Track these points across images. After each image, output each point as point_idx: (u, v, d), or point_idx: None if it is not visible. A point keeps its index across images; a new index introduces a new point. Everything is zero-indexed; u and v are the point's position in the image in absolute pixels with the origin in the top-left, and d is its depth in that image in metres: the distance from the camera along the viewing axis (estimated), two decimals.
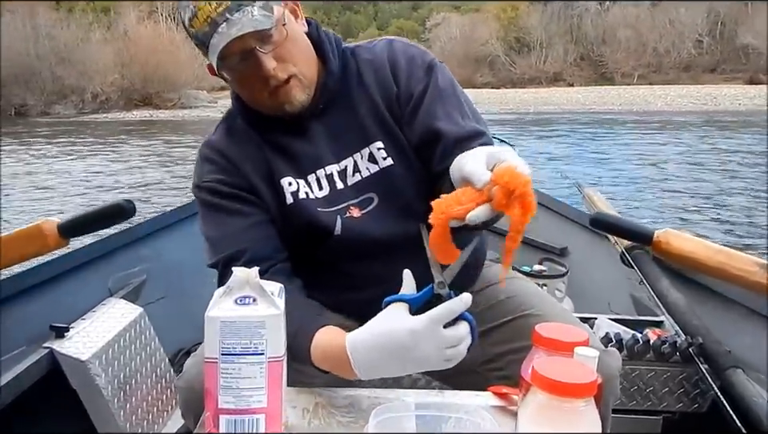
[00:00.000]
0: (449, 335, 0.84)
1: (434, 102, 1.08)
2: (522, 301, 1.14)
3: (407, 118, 1.09)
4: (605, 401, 0.99)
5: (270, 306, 0.82)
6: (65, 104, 28.52)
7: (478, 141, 1.04)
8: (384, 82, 1.11)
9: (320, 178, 1.10)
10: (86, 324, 1.64)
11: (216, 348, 0.80)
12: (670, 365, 1.54)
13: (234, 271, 0.82)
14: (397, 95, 1.10)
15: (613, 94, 30.71)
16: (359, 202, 1.09)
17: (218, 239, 1.08)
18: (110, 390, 1.54)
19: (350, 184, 1.09)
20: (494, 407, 0.97)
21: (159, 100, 29.82)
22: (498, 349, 1.11)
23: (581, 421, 0.72)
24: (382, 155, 1.09)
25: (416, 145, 1.09)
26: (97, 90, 29.44)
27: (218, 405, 0.81)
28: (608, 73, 36.45)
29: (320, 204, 1.09)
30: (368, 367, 0.89)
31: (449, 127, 1.05)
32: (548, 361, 0.76)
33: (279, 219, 1.10)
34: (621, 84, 34.47)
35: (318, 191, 1.10)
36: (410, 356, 0.85)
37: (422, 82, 1.09)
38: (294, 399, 0.97)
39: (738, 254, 1.51)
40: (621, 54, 36.23)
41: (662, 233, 1.61)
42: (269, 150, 1.11)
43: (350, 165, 1.10)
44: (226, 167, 1.10)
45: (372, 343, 0.88)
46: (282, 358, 0.82)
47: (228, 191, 1.08)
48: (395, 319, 0.86)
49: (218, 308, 0.81)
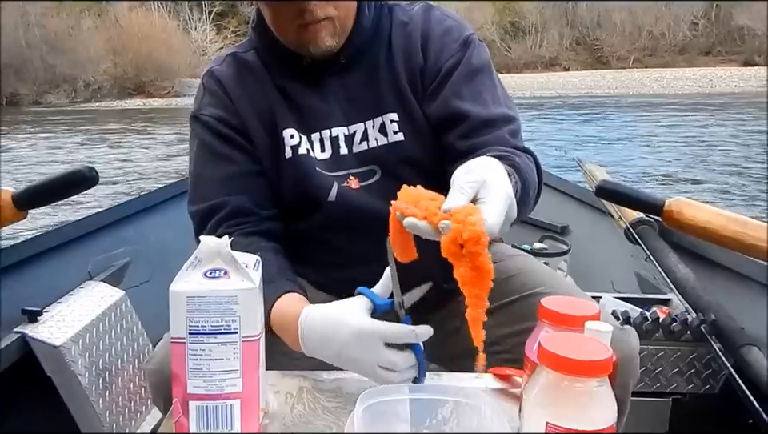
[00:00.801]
0: (386, 357, 0.78)
1: (463, 80, 1.01)
2: (527, 279, 1.06)
3: (430, 92, 1.02)
4: (623, 383, 0.91)
5: (243, 279, 0.73)
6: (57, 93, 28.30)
7: (506, 126, 0.98)
8: (411, 53, 1.04)
9: (324, 138, 1.03)
10: (62, 308, 1.56)
11: (183, 327, 0.71)
12: (681, 344, 1.47)
13: (203, 240, 0.73)
14: (422, 69, 1.03)
15: (608, 78, 30.61)
16: (360, 174, 1.03)
17: (201, 184, 1.05)
18: (87, 377, 1.46)
19: (354, 152, 1.03)
20: (496, 389, 0.90)
21: (153, 89, 29.62)
22: (502, 331, 1.03)
23: (594, 403, 0.64)
24: (394, 129, 1.02)
25: (435, 122, 1.02)
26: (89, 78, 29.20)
27: (186, 390, 0.72)
28: (603, 57, 36.28)
29: (319, 165, 1.02)
30: (311, 347, 0.84)
31: (476, 109, 0.99)
32: (556, 337, 0.68)
33: (272, 174, 1.03)
34: (616, 68, 34.35)
35: (320, 152, 1.03)
36: (346, 354, 0.81)
37: (454, 56, 1.02)
38: (277, 383, 0.89)
39: (753, 222, 1.43)
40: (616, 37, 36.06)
41: (674, 201, 1.52)
42: (276, 96, 1.04)
43: (360, 131, 1.03)
44: (226, 104, 1.04)
45: (321, 324, 0.83)
46: (258, 337, 0.74)
47: (222, 131, 1.03)
48: (350, 313, 0.81)
49: (184, 282, 0.72)
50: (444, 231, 0.68)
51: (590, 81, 30.10)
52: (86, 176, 1.47)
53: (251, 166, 1.04)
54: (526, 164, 0.94)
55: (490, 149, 0.95)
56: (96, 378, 1.49)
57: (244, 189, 1.02)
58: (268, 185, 1.04)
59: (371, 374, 0.80)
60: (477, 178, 0.72)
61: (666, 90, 25.90)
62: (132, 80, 30.12)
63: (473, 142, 0.98)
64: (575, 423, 0.62)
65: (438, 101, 1.02)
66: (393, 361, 0.78)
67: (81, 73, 29.07)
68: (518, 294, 1.05)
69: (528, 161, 0.97)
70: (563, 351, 0.63)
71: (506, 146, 0.97)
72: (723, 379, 1.47)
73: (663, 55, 35.30)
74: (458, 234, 0.67)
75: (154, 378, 0.91)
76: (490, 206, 0.70)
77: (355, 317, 0.80)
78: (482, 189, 0.71)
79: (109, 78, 29.75)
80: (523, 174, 0.89)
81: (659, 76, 30.08)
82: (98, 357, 1.52)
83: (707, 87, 26.58)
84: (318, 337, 0.83)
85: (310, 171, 1.02)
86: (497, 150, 0.93)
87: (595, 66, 35.58)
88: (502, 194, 0.71)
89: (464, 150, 0.98)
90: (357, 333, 0.79)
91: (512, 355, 0.97)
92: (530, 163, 0.97)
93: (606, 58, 36.40)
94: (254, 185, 1.03)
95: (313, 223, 1.05)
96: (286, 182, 1.03)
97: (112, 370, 1.56)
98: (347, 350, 0.80)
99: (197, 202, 1.04)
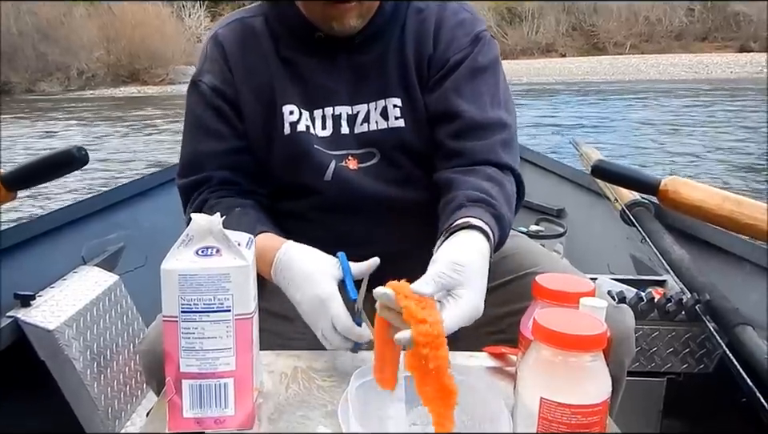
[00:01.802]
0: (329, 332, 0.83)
1: (465, 78, 1.00)
2: (523, 259, 1.05)
3: (433, 83, 1.01)
4: (618, 361, 0.92)
5: (236, 257, 0.72)
6: (50, 81, 28.05)
7: (499, 134, 0.98)
8: (422, 40, 1.03)
9: (326, 116, 1.02)
10: (55, 292, 1.55)
11: (175, 305, 0.70)
12: (676, 324, 1.47)
13: (194, 217, 0.72)
14: (429, 58, 1.02)
15: (605, 64, 30.51)
16: (359, 155, 1.02)
17: (188, 156, 1.05)
18: (81, 361, 1.45)
19: (356, 132, 1.02)
20: (490, 368, 0.90)
21: (147, 76, 29.39)
22: (498, 311, 1.02)
23: (589, 378, 0.64)
24: (396, 114, 1.01)
25: (431, 114, 1.01)
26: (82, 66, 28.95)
27: (179, 369, 0.72)
28: (600, 43, 36.13)
29: (318, 142, 1.01)
30: (279, 279, 0.88)
31: (471, 110, 0.98)
32: (550, 313, 0.68)
33: (265, 149, 1.02)
34: (613, 54, 34.22)
35: (321, 130, 1.02)
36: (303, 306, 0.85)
37: (462, 50, 1.01)
38: (272, 362, 0.89)
39: (749, 201, 1.42)
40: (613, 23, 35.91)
41: (670, 181, 1.52)
42: (279, 69, 1.02)
43: (363, 112, 1.02)
44: (224, 74, 1.03)
45: (294, 268, 0.87)
46: (251, 315, 0.73)
47: (215, 103, 1.02)
48: (320, 275, 0.85)
49: (175, 260, 0.71)
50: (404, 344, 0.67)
51: (586, 67, 30.00)
52: (75, 156, 1.46)
53: (238, 143, 1.03)
54: (508, 200, 0.93)
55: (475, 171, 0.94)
56: (91, 362, 1.49)
57: (229, 165, 1.02)
58: (255, 163, 1.03)
59: (314, 331, 0.85)
60: (457, 277, 0.74)
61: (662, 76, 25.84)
62: (126, 67, 29.85)
63: (462, 146, 0.97)
64: (569, 398, 0.62)
65: (438, 94, 1.01)
66: (332, 341, 0.83)
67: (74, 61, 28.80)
68: (514, 274, 1.04)
69: (510, 187, 0.96)
70: (557, 327, 0.63)
71: (494, 157, 0.96)
72: (717, 358, 1.47)
73: (659, 41, 35.18)
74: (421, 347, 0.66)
75: (146, 359, 0.91)
76: (457, 310, 0.73)
77: (323, 283, 0.84)
78: (459, 288, 0.74)
79: (102, 66, 29.48)
80: (502, 226, 0.89)
81: (655, 62, 30.01)
82: (92, 341, 1.52)
83: (703, 73, 26.52)
84: (289, 277, 0.86)
85: (308, 149, 1.01)
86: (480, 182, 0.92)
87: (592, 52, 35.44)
88: (469, 311, 0.74)
89: (453, 150, 0.98)
90: (317, 298, 0.83)
91: (507, 334, 0.97)
92: (511, 190, 0.97)
93: (603, 44, 36.24)
94: (240, 161, 1.03)
95: (306, 203, 1.04)
96: (282, 158, 1.02)
97: (107, 354, 1.56)
98: (305, 304, 0.84)
99: (183, 176, 1.04)
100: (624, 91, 18.74)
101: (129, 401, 1.60)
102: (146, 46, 29.63)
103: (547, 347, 0.63)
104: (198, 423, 0.73)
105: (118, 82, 29.22)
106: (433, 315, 0.68)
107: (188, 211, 1.01)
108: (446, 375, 0.67)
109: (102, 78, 29.34)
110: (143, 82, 29.40)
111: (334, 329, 0.82)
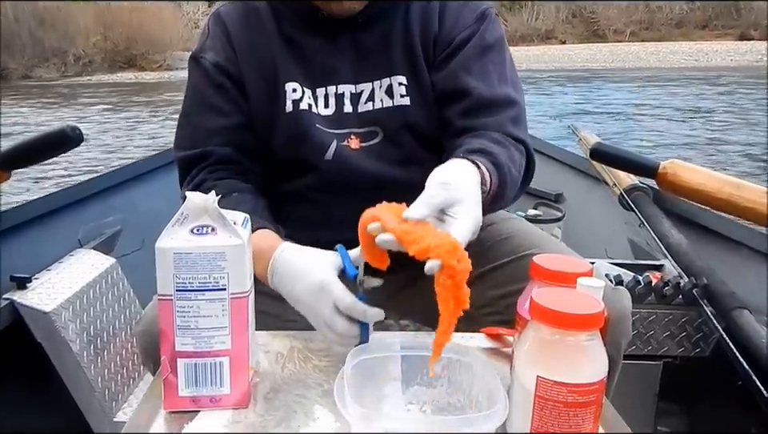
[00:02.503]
0: (333, 320, 0.79)
1: (472, 56, 1.00)
2: (522, 241, 1.05)
3: (440, 61, 1.01)
4: (615, 343, 0.91)
5: (231, 235, 0.71)
6: (47, 67, 27.85)
7: (508, 111, 0.98)
8: (427, 18, 1.02)
9: (329, 95, 1.01)
10: (51, 275, 1.54)
11: (170, 283, 0.70)
12: (673, 308, 1.47)
13: (189, 196, 0.71)
14: (435, 37, 1.01)
15: (605, 51, 30.35)
16: (362, 134, 1.01)
17: (189, 129, 1.04)
18: (78, 343, 1.45)
19: (359, 111, 1.01)
20: (487, 349, 0.89)
21: (144, 62, 29.19)
22: (496, 292, 1.02)
23: (585, 357, 0.64)
24: (401, 92, 1.00)
25: (439, 93, 1.01)
26: (79, 52, 28.74)
27: (174, 347, 0.71)
28: (600, 30, 35.94)
29: (320, 121, 1.00)
30: (276, 281, 0.85)
31: (480, 87, 0.98)
32: (548, 292, 0.67)
33: (267, 127, 1.01)
34: (613, 41, 34.04)
35: (324, 108, 1.01)
36: (303, 300, 0.81)
37: (468, 28, 1.01)
38: (268, 343, 0.89)
39: (747, 184, 1.42)
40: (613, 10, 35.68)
41: (668, 164, 1.51)
42: (282, 48, 1.01)
43: (367, 91, 1.01)
44: (227, 52, 1.02)
45: (291, 264, 0.84)
46: (247, 294, 0.73)
47: (217, 80, 1.02)
48: (319, 264, 0.82)
49: (170, 238, 0.70)
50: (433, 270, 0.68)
51: (586, 54, 29.85)
52: (69, 136, 1.45)
53: (241, 120, 1.02)
54: (512, 160, 0.93)
55: (482, 134, 0.95)
56: (87, 344, 1.48)
57: (230, 142, 1.02)
58: (255, 140, 1.03)
59: (318, 326, 0.81)
60: (450, 196, 0.74)
61: (661, 64, 25.74)
62: (123, 53, 29.61)
63: (472, 123, 0.97)
64: (566, 377, 0.62)
65: (445, 72, 1.00)
66: (337, 327, 0.79)
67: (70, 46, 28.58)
68: (512, 255, 1.04)
69: (518, 154, 0.96)
70: (554, 305, 0.63)
71: (504, 131, 0.96)
72: (714, 342, 1.47)
73: (660, 29, 34.99)
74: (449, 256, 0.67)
75: (143, 339, 0.90)
76: (461, 225, 0.72)
77: (322, 270, 0.81)
78: (455, 206, 0.73)
79: (99, 52, 29.25)
80: (503, 173, 0.88)
81: (655, 50, 29.85)
82: (88, 324, 1.51)
83: (703, 61, 26.41)
84: (286, 274, 0.84)
85: (309, 127, 1.00)
86: (484, 141, 0.92)
87: (591, 40, 35.24)
88: (471, 222, 0.73)
89: (462, 128, 0.98)
90: (317, 285, 0.80)
91: (504, 316, 0.96)
92: (519, 157, 0.96)
93: (603, 31, 36.03)
94: (242, 139, 1.02)
95: (306, 182, 1.03)
96: (283, 137, 1.01)
97: (104, 336, 1.56)
98: (304, 296, 0.81)
99: (183, 148, 1.04)
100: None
101: (126, 384, 1.60)
102: (143, 31, 29.38)
103: (544, 325, 0.63)
104: (193, 402, 0.73)
105: (115, 68, 29.01)
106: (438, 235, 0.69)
107: (185, 188, 1.00)
108: (464, 287, 0.68)
109: (99, 63, 29.12)
110: (140, 68, 29.18)
111: (336, 312, 0.79)
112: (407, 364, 0.75)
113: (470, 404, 0.71)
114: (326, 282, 0.79)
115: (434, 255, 0.67)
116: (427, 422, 0.69)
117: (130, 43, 29.57)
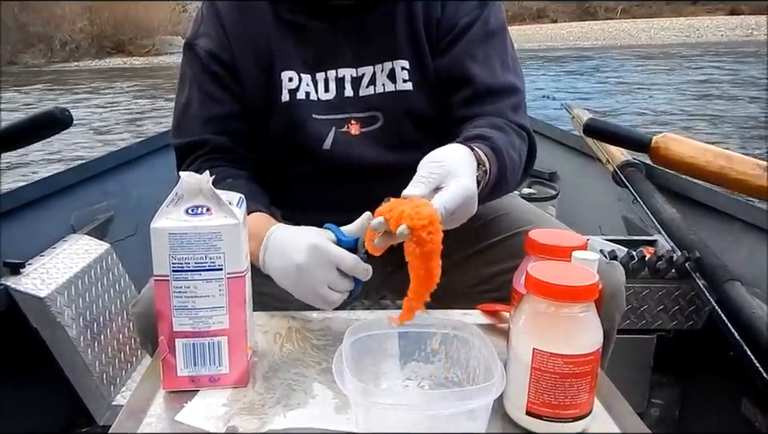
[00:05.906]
0: (335, 278, 0.80)
1: (476, 42, 0.98)
2: (517, 218, 1.05)
3: (442, 48, 0.99)
4: (609, 316, 0.92)
5: (226, 215, 0.71)
6: (32, 53, 27.47)
7: (510, 98, 0.97)
8: (430, 3, 1.00)
9: (329, 79, 1.00)
10: (45, 260, 1.53)
11: (166, 264, 0.70)
12: (666, 282, 1.49)
13: (183, 176, 0.71)
14: (438, 21, 1.00)
15: (596, 29, 30.24)
16: (362, 119, 1.00)
17: (184, 117, 1.03)
18: (74, 328, 1.44)
19: (360, 95, 1.00)
20: (483, 325, 0.90)
21: (133, 47, 28.83)
22: (492, 269, 1.03)
23: (580, 328, 0.64)
24: (404, 77, 0.99)
25: (442, 80, 0.99)
26: (65, 37, 28.35)
27: (172, 328, 0.72)
28: (591, 8, 35.78)
29: (318, 109, 0.99)
30: (268, 259, 0.84)
31: (483, 74, 0.97)
32: (543, 265, 0.68)
33: (263, 115, 1.00)
34: (604, 19, 33.91)
35: (324, 93, 1.00)
36: (301, 266, 0.80)
37: (470, 14, 0.99)
38: (266, 323, 0.89)
39: (739, 156, 1.42)
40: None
41: (661, 138, 1.51)
42: (279, 34, 0.99)
43: (368, 74, 1.00)
44: (221, 40, 1.00)
45: (282, 239, 0.84)
46: (243, 273, 0.73)
47: (212, 68, 1.00)
48: (313, 233, 0.82)
49: (165, 219, 0.70)
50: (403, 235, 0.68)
51: (577, 32, 29.73)
52: (57, 117, 1.43)
53: (236, 108, 1.01)
54: (512, 145, 0.92)
55: (482, 121, 0.94)
56: (84, 329, 1.48)
57: (226, 130, 1.01)
58: (251, 128, 1.02)
59: (317, 289, 0.81)
60: (442, 171, 0.74)
61: (653, 41, 25.68)
62: (110, 38, 29.23)
63: (474, 111, 0.97)
64: (562, 348, 0.63)
65: (449, 58, 0.99)
66: (340, 283, 0.80)
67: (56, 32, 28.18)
68: (507, 232, 1.04)
69: (518, 139, 0.95)
70: (549, 278, 0.63)
71: (504, 117, 0.96)
72: (706, 315, 1.49)
73: (650, 5, 34.86)
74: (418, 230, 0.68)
75: (140, 321, 0.90)
76: (448, 192, 0.73)
77: (317, 237, 0.81)
78: (446, 179, 0.74)
79: (86, 37, 28.86)
80: (501, 156, 0.88)
81: (646, 26, 29.77)
82: (84, 309, 1.51)
83: (694, 37, 26.38)
84: (279, 249, 0.83)
85: (305, 117, 0.99)
86: (483, 128, 0.91)
87: (583, 18, 35.09)
88: (460, 190, 0.73)
89: (464, 117, 0.97)
90: (314, 246, 0.79)
91: (500, 293, 0.97)
92: (519, 142, 0.96)
93: (594, 8, 35.89)
94: (237, 127, 1.01)
95: (304, 169, 1.03)
96: (279, 126, 1.00)
97: (100, 321, 1.55)
98: (302, 261, 0.80)
99: (179, 136, 1.03)
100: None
101: (124, 368, 1.60)
102: (130, 16, 28.98)
103: (540, 298, 0.64)
104: (192, 382, 0.73)
105: (102, 54, 28.64)
106: (416, 204, 0.70)
107: None
108: (436, 260, 0.69)
109: (86, 49, 28.73)
110: (129, 53, 28.83)
111: (338, 273, 0.80)
112: (404, 341, 0.76)
113: (468, 379, 0.72)
114: (322, 244, 0.80)
115: (405, 221, 0.68)
116: (425, 396, 0.70)
117: (117, 28, 29.18)
